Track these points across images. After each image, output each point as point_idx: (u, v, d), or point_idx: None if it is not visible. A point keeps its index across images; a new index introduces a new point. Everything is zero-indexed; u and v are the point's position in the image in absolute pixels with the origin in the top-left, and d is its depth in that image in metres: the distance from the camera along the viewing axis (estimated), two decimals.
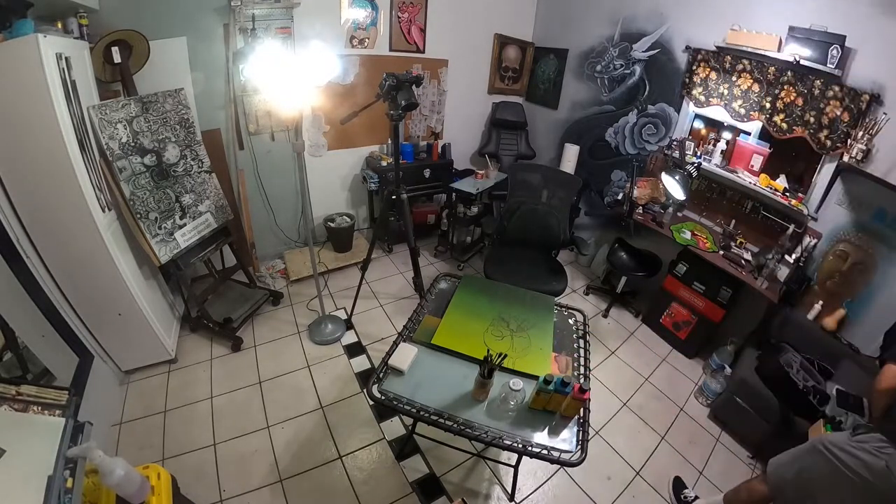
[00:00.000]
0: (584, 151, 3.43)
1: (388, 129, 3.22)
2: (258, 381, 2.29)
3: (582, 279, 3.48)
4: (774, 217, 2.44)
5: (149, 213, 2.07)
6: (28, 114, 1.55)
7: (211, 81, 2.59)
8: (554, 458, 1.23)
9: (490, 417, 1.32)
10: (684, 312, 2.72)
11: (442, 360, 1.51)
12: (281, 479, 1.82)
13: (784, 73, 2.23)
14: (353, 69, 3.06)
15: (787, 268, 2.26)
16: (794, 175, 2.43)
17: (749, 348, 2.35)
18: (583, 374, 1.55)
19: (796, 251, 2.26)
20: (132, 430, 1.97)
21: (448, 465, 1.93)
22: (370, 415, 2.14)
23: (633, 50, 2.98)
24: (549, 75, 3.70)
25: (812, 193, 2.30)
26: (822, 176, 2.24)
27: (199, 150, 2.35)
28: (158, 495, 1.13)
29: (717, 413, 2.31)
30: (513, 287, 1.96)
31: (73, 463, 1.00)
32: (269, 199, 3.08)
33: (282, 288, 3.01)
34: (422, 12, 3.21)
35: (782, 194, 2.34)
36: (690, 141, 2.80)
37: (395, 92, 1.91)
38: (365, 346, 2.58)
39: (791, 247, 2.30)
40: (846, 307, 2.17)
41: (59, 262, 1.80)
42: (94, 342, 2.01)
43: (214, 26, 2.48)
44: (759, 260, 2.39)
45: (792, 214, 2.34)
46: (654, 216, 2.89)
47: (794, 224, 2.33)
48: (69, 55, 1.69)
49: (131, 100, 2.03)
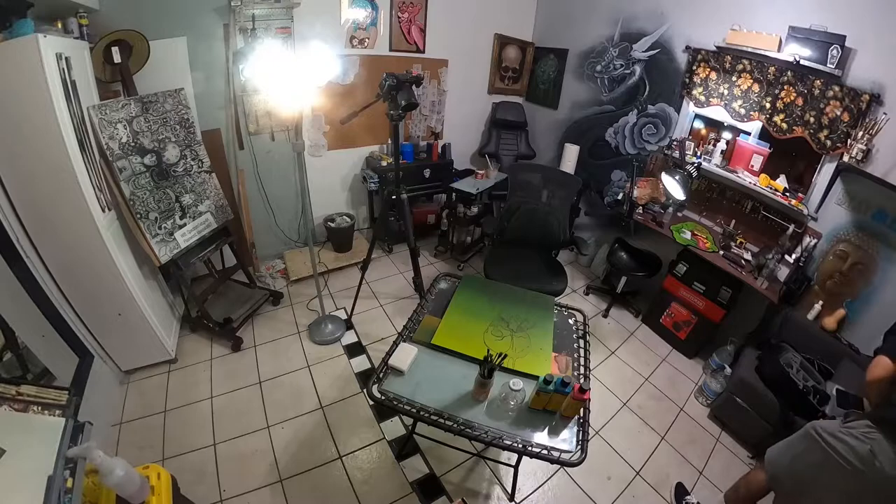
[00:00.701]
0: (584, 151, 3.43)
1: (388, 129, 3.22)
2: (258, 381, 2.29)
3: (582, 279, 3.48)
4: (774, 217, 2.44)
5: (149, 213, 2.07)
6: (28, 114, 1.55)
7: (211, 81, 2.59)
8: (554, 458, 1.23)
9: (490, 417, 1.32)
10: (684, 312, 2.72)
11: (442, 361, 1.51)
12: (281, 479, 1.82)
13: (784, 73, 2.23)
14: (353, 69, 3.06)
15: (787, 268, 2.26)
16: (794, 175, 2.43)
17: (749, 348, 2.34)
18: (583, 374, 1.55)
19: (796, 251, 2.26)
20: (132, 430, 1.97)
21: (448, 465, 1.93)
22: (370, 415, 2.14)
23: (633, 50, 2.98)
24: (549, 75, 3.71)
25: (812, 193, 2.30)
26: (822, 176, 2.24)
27: (199, 150, 2.35)
28: (158, 495, 1.13)
29: (717, 413, 2.31)
30: (513, 287, 1.96)
31: (73, 463, 0.99)
32: (269, 199, 3.09)
33: (282, 288, 3.01)
34: (422, 12, 3.21)
35: (782, 194, 2.34)
36: (690, 141, 2.80)
37: (395, 92, 1.91)
38: (365, 346, 2.58)
39: (791, 247, 2.31)
40: (846, 307, 2.17)
41: (59, 262, 1.80)
42: (94, 342, 2.01)
43: (214, 26, 2.49)
44: (759, 260, 2.39)
45: (792, 214, 2.34)
46: (654, 216, 2.89)
47: (794, 224, 2.34)
48: (69, 55, 1.69)
49: (131, 100, 2.03)
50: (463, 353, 1.52)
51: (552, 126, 3.77)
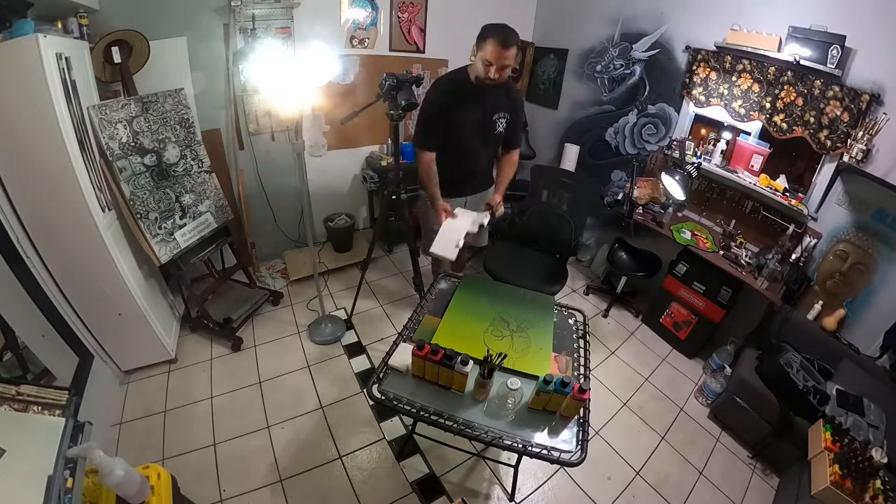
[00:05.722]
0: (584, 151, 3.43)
1: (388, 129, 3.21)
2: (258, 381, 2.29)
3: (582, 279, 3.48)
4: (774, 217, 2.44)
5: (149, 213, 2.07)
6: (28, 114, 1.55)
7: (211, 81, 2.58)
8: (554, 458, 1.23)
9: (490, 417, 1.32)
10: (684, 312, 2.72)
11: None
12: (281, 479, 1.82)
13: (784, 73, 2.23)
14: (353, 69, 3.06)
15: (787, 268, 2.26)
16: (794, 175, 2.43)
17: (749, 348, 2.34)
18: (583, 374, 1.55)
19: (796, 251, 2.26)
20: (132, 430, 1.97)
21: (448, 465, 1.93)
22: (370, 415, 2.14)
23: (633, 50, 2.98)
24: (549, 75, 3.70)
25: (812, 193, 2.30)
26: (822, 176, 2.23)
27: (199, 150, 2.35)
28: (158, 495, 1.13)
29: (717, 413, 2.31)
30: (513, 287, 1.96)
31: (73, 463, 0.99)
32: (269, 199, 3.08)
33: (282, 288, 3.01)
34: (422, 12, 3.20)
35: (782, 194, 2.34)
36: (690, 141, 2.79)
37: (395, 92, 1.90)
38: (365, 346, 2.58)
39: (791, 247, 2.30)
40: (846, 307, 2.17)
41: (59, 262, 1.80)
42: (94, 342, 2.01)
43: (214, 26, 2.48)
44: (759, 260, 2.39)
45: (792, 214, 2.34)
46: (654, 216, 2.89)
47: (794, 224, 2.33)
48: (69, 55, 1.69)
49: (131, 100, 2.03)
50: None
51: (552, 126, 3.77)
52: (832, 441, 1.67)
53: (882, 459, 1.58)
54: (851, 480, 1.55)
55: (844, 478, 1.55)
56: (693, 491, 1.94)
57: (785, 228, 2.36)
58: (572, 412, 1.31)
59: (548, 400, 1.31)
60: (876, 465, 1.58)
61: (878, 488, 1.53)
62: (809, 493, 1.62)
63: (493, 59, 1.75)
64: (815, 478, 1.63)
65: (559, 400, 1.29)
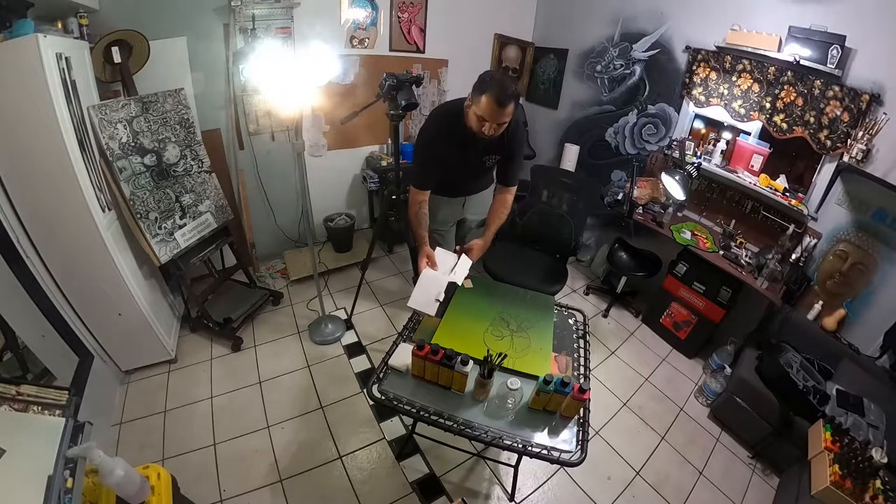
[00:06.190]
0: (584, 151, 3.43)
1: (388, 129, 3.21)
2: (258, 381, 2.29)
3: (582, 279, 3.48)
4: (774, 217, 2.44)
5: (149, 213, 2.07)
6: (28, 114, 1.55)
7: (211, 81, 2.58)
8: (554, 458, 1.23)
9: (490, 417, 1.32)
10: (684, 312, 2.72)
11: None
12: (281, 479, 1.82)
13: (784, 73, 2.23)
14: (353, 69, 3.06)
15: (787, 267, 2.26)
16: (794, 175, 2.43)
17: (749, 348, 2.34)
18: (583, 374, 1.55)
19: (796, 251, 2.26)
20: (132, 430, 1.97)
21: (448, 465, 1.93)
22: (370, 415, 2.14)
23: (633, 50, 2.98)
24: (549, 75, 3.70)
25: (812, 193, 2.30)
26: (822, 176, 2.24)
27: (199, 150, 2.35)
28: (158, 495, 1.13)
29: (717, 413, 2.31)
30: (513, 287, 1.96)
31: (73, 463, 0.99)
32: (269, 199, 3.08)
33: (282, 288, 3.01)
34: (422, 12, 3.20)
35: (782, 194, 2.34)
36: (690, 141, 2.79)
37: (395, 92, 1.91)
38: (365, 346, 2.58)
39: (791, 247, 2.31)
40: (846, 307, 2.17)
41: (59, 262, 1.80)
42: (94, 342, 2.01)
43: (214, 26, 2.48)
44: (759, 260, 2.39)
45: (792, 214, 2.34)
46: (654, 216, 2.89)
47: (794, 224, 2.33)
48: (69, 55, 1.69)
49: (131, 100, 2.03)
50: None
51: (552, 126, 3.77)
52: (832, 441, 1.67)
53: (882, 459, 1.58)
54: (851, 480, 1.55)
55: (844, 478, 1.56)
56: (693, 491, 1.94)
57: (785, 228, 2.36)
58: (572, 412, 1.31)
59: (548, 400, 1.31)
60: (876, 465, 1.58)
61: (878, 488, 1.53)
62: (809, 493, 1.62)
63: (487, 116, 1.58)
64: (815, 478, 1.63)
65: (559, 400, 1.30)
